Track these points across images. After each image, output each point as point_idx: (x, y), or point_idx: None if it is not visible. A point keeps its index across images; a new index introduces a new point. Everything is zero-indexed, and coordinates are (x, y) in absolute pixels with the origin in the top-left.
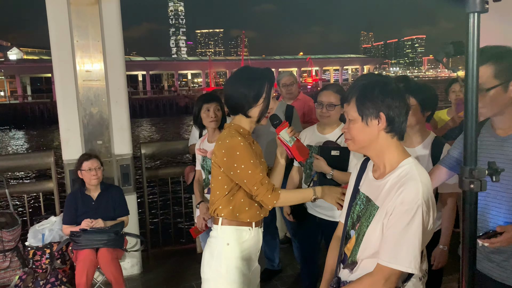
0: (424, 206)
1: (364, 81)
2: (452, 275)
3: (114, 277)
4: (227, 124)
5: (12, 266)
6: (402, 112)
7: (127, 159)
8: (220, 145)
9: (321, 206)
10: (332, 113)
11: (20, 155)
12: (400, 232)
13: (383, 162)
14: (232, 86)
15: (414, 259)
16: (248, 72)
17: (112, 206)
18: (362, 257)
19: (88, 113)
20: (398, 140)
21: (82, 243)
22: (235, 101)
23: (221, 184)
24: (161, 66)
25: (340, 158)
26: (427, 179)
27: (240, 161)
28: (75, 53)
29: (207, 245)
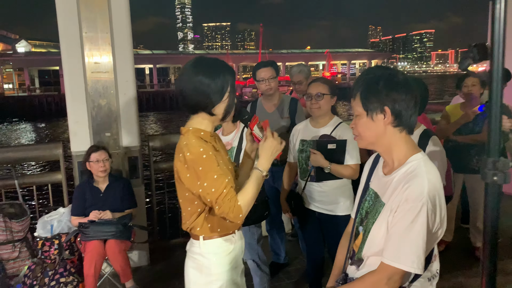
0: (429, 204)
1: (368, 75)
2: (460, 270)
3: (121, 269)
4: (184, 129)
5: (21, 257)
6: (409, 105)
7: (135, 152)
8: (180, 158)
9: (320, 200)
10: (322, 103)
11: (29, 147)
12: (404, 230)
13: (392, 157)
14: (191, 82)
15: (417, 258)
16: (206, 63)
17: (120, 198)
18: (367, 254)
19: (96, 105)
20: (407, 134)
21: (90, 234)
22: (197, 99)
23: (191, 201)
24: (168, 59)
25: (337, 151)
26: (435, 176)
27: (203, 177)
28: (83, 45)
29: (190, 261)
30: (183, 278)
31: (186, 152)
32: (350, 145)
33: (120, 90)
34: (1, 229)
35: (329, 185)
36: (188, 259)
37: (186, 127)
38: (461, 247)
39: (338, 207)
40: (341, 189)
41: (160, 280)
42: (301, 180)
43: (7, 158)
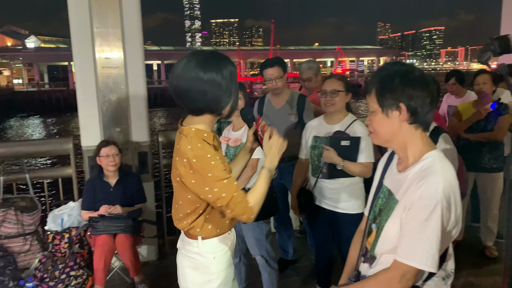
0: (444, 202)
1: (384, 71)
2: (471, 269)
3: (131, 263)
4: (185, 129)
5: (32, 250)
6: (425, 101)
7: (145, 147)
8: (185, 163)
9: (331, 198)
10: (337, 100)
11: (40, 141)
12: (418, 228)
13: (407, 154)
14: (198, 80)
15: (431, 256)
16: (211, 58)
17: (130, 193)
18: (380, 252)
19: (107, 100)
20: (423, 131)
21: (100, 228)
22: (207, 101)
23: (192, 203)
24: (176, 55)
25: (350, 148)
26: (450, 174)
27: (213, 183)
28: (94, 40)
29: (186, 261)
30: None
31: (192, 158)
32: (364, 143)
33: (130, 85)
34: (12, 222)
35: (341, 183)
36: (183, 258)
37: (187, 127)
38: (471, 246)
39: (349, 205)
40: (352, 187)
41: (168, 275)
42: (312, 176)
43: (19, 152)
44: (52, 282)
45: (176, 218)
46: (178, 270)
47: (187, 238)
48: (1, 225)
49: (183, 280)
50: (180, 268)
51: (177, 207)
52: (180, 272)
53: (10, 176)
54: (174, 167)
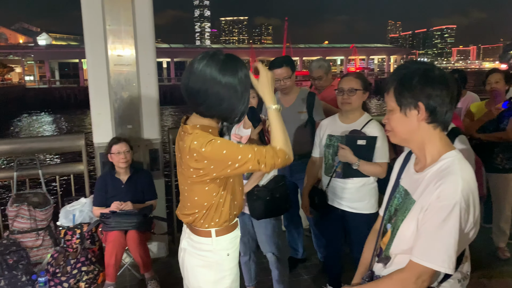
0: (462, 203)
1: (403, 70)
2: (483, 271)
3: (142, 259)
4: (190, 128)
5: (45, 245)
6: (445, 101)
7: (156, 144)
8: (196, 157)
9: (344, 198)
10: (354, 99)
11: (52, 137)
12: (435, 228)
13: (424, 154)
14: (216, 83)
15: (448, 258)
16: (229, 61)
17: (141, 190)
18: (395, 252)
19: (119, 97)
20: (441, 131)
21: (111, 225)
22: (223, 108)
23: (209, 193)
24: (185, 53)
25: (366, 147)
26: (469, 175)
27: (233, 154)
28: (107, 38)
29: (196, 260)
30: None
31: (200, 148)
32: (380, 143)
33: (142, 82)
34: (25, 217)
35: (355, 182)
36: (192, 258)
37: (192, 125)
38: (483, 247)
39: (363, 205)
40: (366, 187)
41: (178, 272)
42: (326, 175)
43: (31, 149)
44: (64, 277)
45: (187, 214)
46: (186, 270)
47: (197, 236)
48: (14, 220)
49: (194, 280)
50: (190, 268)
51: (190, 204)
52: (189, 273)
53: (23, 172)
54: (185, 165)
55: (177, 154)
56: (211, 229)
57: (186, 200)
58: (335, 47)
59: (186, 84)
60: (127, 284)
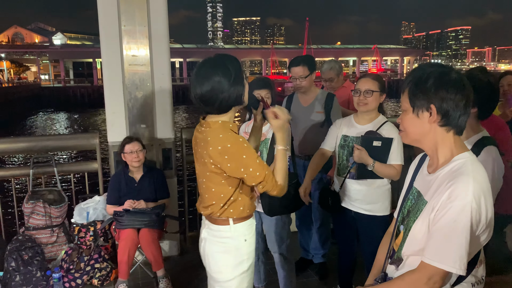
0: (474, 204)
1: (419, 71)
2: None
3: (154, 257)
4: (211, 123)
5: (59, 241)
6: (459, 105)
7: (169, 143)
8: (220, 150)
9: (357, 199)
10: (370, 100)
11: (67, 136)
12: (446, 229)
13: (437, 156)
14: (221, 82)
15: (459, 259)
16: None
17: (154, 189)
18: (407, 253)
19: (133, 97)
20: (455, 134)
21: (124, 222)
22: (233, 96)
23: (225, 186)
24: (197, 53)
25: (382, 149)
26: (482, 176)
27: (248, 164)
28: (122, 38)
29: (216, 247)
30: None
31: (227, 143)
32: (395, 145)
33: (156, 82)
34: (41, 214)
35: (369, 184)
36: (212, 245)
37: (213, 121)
38: (497, 251)
39: (376, 207)
40: (381, 189)
41: (189, 270)
42: (339, 176)
43: (47, 147)
44: (78, 273)
45: (206, 206)
46: (207, 257)
47: (215, 225)
48: (30, 217)
49: (214, 265)
50: (210, 255)
51: (207, 196)
52: (210, 259)
53: (39, 169)
54: (207, 156)
55: (195, 149)
56: (229, 218)
57: (204, 192)
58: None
59: (197, 95)
60: (139, 281)
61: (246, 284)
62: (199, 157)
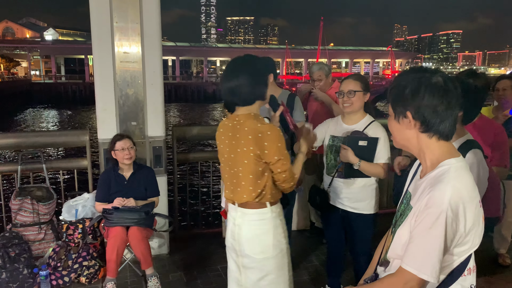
0: (449, 212)
1: (401, 77)
2: (483, 277)
3: (143, 256)
4: (246, 115)
5: (47, 239)
6: (437, 110)
7: (159, 141)
8: (261, 137)
9: (346, 198)
10: (354, 100)
11: (57, 132)
12: (421, 235)
13: (425, 161)
14: (250, 76)
15: (431, 266)
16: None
17: (144, 187)
18: (392, 256)
19: (124, 94)
20: (440, 140)
21: (113, 220)
22: (259, 88)
23: (261, 173)
24: (191, 52)
25: (368, 148)
26: (464, 184)
27: (280, 153)
28: (114, 34)
29: (254, 228)
30: (201, 268)
31: (267, 131)
32: (381, 144)
33: (147, 80)
34: (28, 211)
35: (357, 183)
36: (251, 228)
37: (246, 113)
38: (484, 253)
39: (363, 205)
40: (368, 188)
41: (179, 269)
42: (328, 175)
43: (36, 143)
44: (65, 271)
45: (242, 194)
46: (246, 241)
47: (253, 210)
48: (17, 214)
49: (256, 247)
50: (249, 238)
51: (244, 183)
52: (250, 243)
53: (28, 165)
54: (246, 144)
55: (225, 141)
56: (266, 202)
57: (240, 180)
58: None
59: (226, 87)
60: (127, 280)
61: (287, 259)
62: (233, 147)
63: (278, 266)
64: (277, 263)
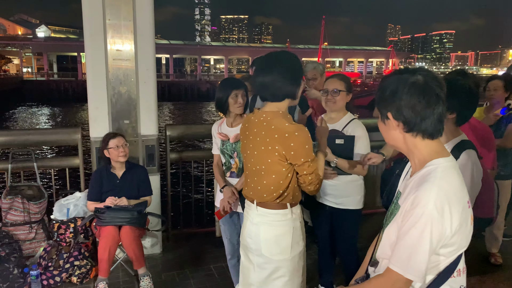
0: (434, 212)
1: (384, 80)
2: (474, 276)
3: (135, 255)
4: (274, 112)
5: (38, 238)
6: (416, 109)
7: (152, 140)
8: (288, 137)
9: (331, 194)
10: (338, 99)
11: (48, 130)
12: (406, 235)
13: (414, 160)
14: (284, 71)
15: (416, 265)
16: (286, 54)
17: (136, 186)
18: (381, 256)
19: (116, 92)
20: (426, 139)
21: (106, 219)
22: (292, 86)
23: (285, 174)
24: (184, 50)
25: (344, 146)
26: (451, 185)
27: (307, 154)
28: (106, 32)
29: (275, 229)
30: (194, 267)
31: (294, 131)
32: (359, 142)
33: (140, 78)
34: (19, 210)
35: (341, 179)
36: (270, 228)
37: (274, 111)
38: (475, 252)
39: (348, 200)
40: (353, 184)
41: (172, 269)
42: None
43: (28, 141)
44: (56, 270)
45: (263, 192)
46: (265, 241)
47: (273, 210)
48: (8, 213)
49: (275, 248)
50: (268, 238)
51: (266, 182)
52: (268, 243)
53: (18, 164)
54: (271, 143)
55: (249, 138)
56: (287, 203)
57: (262, 179)
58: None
59: (258, 81)
60: (119, 279)
61: (302, 262)
62: (257, 144)
63: (294, 268)
64: (293, 265)
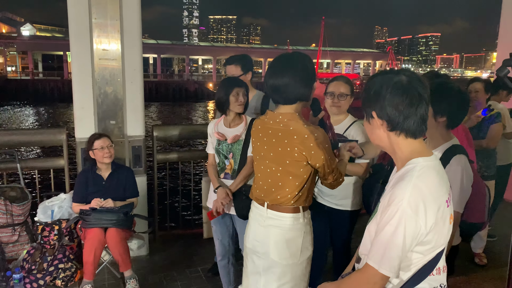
0: (408, 210)
1: (369, 80)
2: (459, 276)
3: (121, 257)
4: (290, 114)
5: (21, 241)
6: (399, 108)
7: (139, 141)
8: (307, 138)
9: (331, 195)
10: (343, 103)
11: (32, 131)
12: (381, 232)
13: (396, 159)
14: (296, 74)
15: (388, 261)
16: (299, 56)
17: (123, 187)
18: (363, 252)
19: (102, 92)
20: (409, 137)
21: (91, 221)
22: (306, 89)
23: (301, 175)
24: (172, 50)
25: None
26: (427, 183)
27: (328, 153)
28: (92, 31)
29: (286, 233)
30: (181, 269)
31: (313, 132)
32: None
33: (127, 78)
34: (1, 212)
35: None
36: (281, 232)
37: (290, 113)
38: (461, 253)
39: (348, 202)
40: (353, 185)
41: (158, 271)
42: None
43: (11, 141)
44: (40, 274)
45: (276, 195)
46: (275, 245)
47: (285, 213)
48: None
49: (285, 251)
50: (279, 242)
51: (281, 184)
52: (278, 246)
53: (1, 165)
54: (290, 144)
55: (263, 139)
56: (299, 206)
57: (277, 180)
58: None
59: (270, 83)
60: (105, 282)
61: (309, 268)
62: (272, 145)
63: (301, 273)
64: (301, 270)
